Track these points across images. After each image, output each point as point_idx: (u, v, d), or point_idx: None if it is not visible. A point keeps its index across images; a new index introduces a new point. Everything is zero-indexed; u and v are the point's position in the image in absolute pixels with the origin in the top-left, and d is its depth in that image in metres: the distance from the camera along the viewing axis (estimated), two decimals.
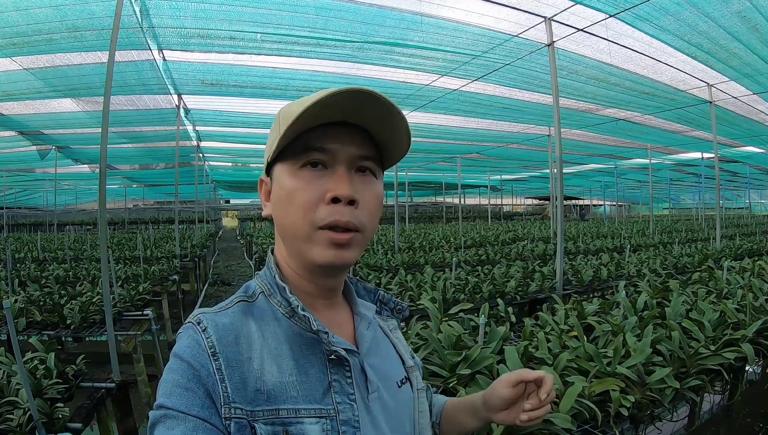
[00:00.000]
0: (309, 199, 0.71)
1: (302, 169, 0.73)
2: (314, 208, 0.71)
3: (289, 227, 0.74)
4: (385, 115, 0.72)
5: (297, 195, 0.72)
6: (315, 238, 0.72)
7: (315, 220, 0.71)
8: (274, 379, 0.68)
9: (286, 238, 0.77)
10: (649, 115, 10.30)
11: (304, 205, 0.71)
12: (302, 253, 0.75)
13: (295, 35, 5.86)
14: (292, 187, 0.73)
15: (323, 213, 0.71)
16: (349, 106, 0.70)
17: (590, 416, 1.91)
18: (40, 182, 21.11)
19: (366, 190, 0.75)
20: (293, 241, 0.75)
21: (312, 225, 0.71)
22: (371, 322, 0.87)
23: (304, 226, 0.72)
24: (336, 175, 0.72)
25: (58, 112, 8.93)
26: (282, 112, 0.76)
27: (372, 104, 0.70)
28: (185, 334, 0.69)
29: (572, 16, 5.49)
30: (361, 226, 0.73)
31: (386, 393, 0.80)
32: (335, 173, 0.73)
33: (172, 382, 0.65)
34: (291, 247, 0.77)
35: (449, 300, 4.18)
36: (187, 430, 0.61)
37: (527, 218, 34.77)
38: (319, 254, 0.72)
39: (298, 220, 0.72)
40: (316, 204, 0.71)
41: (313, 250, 0.73)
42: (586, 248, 9.72)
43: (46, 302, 4.53)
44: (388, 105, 0.70)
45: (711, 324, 2.91)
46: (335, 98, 0.67)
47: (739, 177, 23.64)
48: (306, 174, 0.73)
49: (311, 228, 0.72)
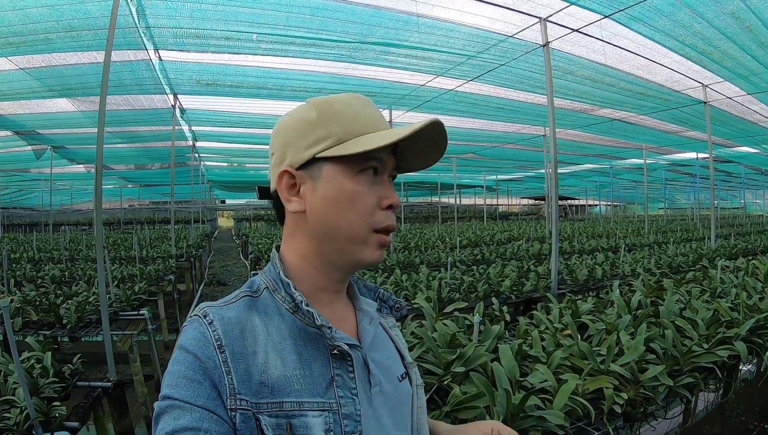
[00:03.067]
0: (371, 203, 0.77)
1: (360, 174, 0.76)
2: (373, 212, 0.77)
3: (345, 227, 0.76)
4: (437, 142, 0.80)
5: (359, 198, 0.76)
6: (369, 240, 0.77)
7: (373, 224, 0.77)
8: (278, 372, 0.69)
9: (334, 237, 0.77)
10: (644, 115, 10.35)
11: (366, 208, 0.76)
12: (349, 253, 0.78)
13: (291, 35, 5.87)
14: (354, 190, 0.76)
15: (380, 217, 0.78)
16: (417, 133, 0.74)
17: (584, 413, 1.93)
18: (35, 182, 21.04)
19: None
20: (343, 241, 0.77)
21: (370, 228, 0.77)
22: (373, 317, 0.88)
23: (362, 228, 0.76)
24: (385, 184, 0.79)
25: (53, 111, 8.91)
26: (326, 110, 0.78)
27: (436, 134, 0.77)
28: (191, 326, 0.70)
29: (567, 16, 5.51)
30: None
31: (388, 387, 0.81)
32: (384, 181, 0.79)
33: (178, 373, 0.65)
34: (333, 246, 0.78)
35: (444, 299, 4.19)
36: (193, 421, 0.62)
37: (523, 218, 34.83)
38: (371, 254, 0.78)
39: (359, 222, 0.76)
40: (374, 208, 0.77)
41: (365, 251, 0.78)
42: (581, 248, 9.75)
43: (42, 302, 4.51)
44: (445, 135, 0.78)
45: (704, 322, 2.93)
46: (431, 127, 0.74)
47: (734, 177, 23.74)
48: (365, 179, 0.77)
49: (369, 231, 0.77)
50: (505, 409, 1.75)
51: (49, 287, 5.42)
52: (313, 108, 0.78)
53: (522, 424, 1.75)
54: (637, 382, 2.18)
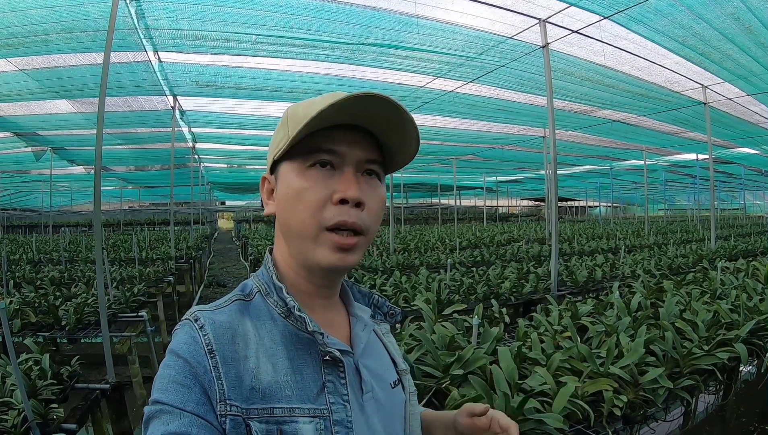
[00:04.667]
0: (317, 198, 0.72)
1: (310, 169, 0.74)
2: (322, 208, 0.72)
3: (295, 226, 0.74)
4: (396, 121, 0.74)
5: (305, 194, 0.72)
6: (320, 240, 0.73)
7: (322, 220, 0.72)
8: (269, 378, 0.68)
9: (291, 237, 0.77)
10: (643, 116, 10.33)
11: (312, 204, 0.72)
12: (306, 254, 0.75)
13: (290, 37, 5.86)
14: (300, 187, 0.73)
15: (330, 213, 0.72)
16: (361, 110, 0.71)
17: (583, 416, 1.92)
18: (35, 183, 21.01)
19: (371, 193, 0.76)
20: (298, 240, 0.75)
21: (319, 225, 0.72)
22: (367, 324, 0.87)
23: (310, 225, 0.72)
24: (344, 177, 0.73)
25: (53, 113, 8.90)
26: (290, 112, 0.77)
27: (384, 109, 0.71)
28: (182, 330, 0.70)
29: (567, 17, 5.50)
30: (365, 229, 0.75)
31: (381, 393, 0.80)
32: (343, 175, 0.74)
33: (168, 378, 0.65)
34: (294, 247, 0.77)
35: (444, 301, 4.18)
36: (182, 426, 0.61)
37: (523, 219, 34.85)
38: (324, 256, 0.73)
39: (306, 219, 0.72)
40: (323, 204, 0.72)
41: (317, 252, 0.74)
42: (581, 249, 9.75)
43: (41, 304, 4.51)
44: (401, 110, 0.72)
45: (704, 324, 2.93)
46: (349, 102, 0.68)
47: (734, 178, 23.72)
48: (314, 174, 0.73)
49: (318, 228, 0.72)
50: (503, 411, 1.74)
51: (48, 289, 5.42)
52: (283, 114, 0.79)
53: (521, 428, 1.74)
54: (637, 384, 2.17)
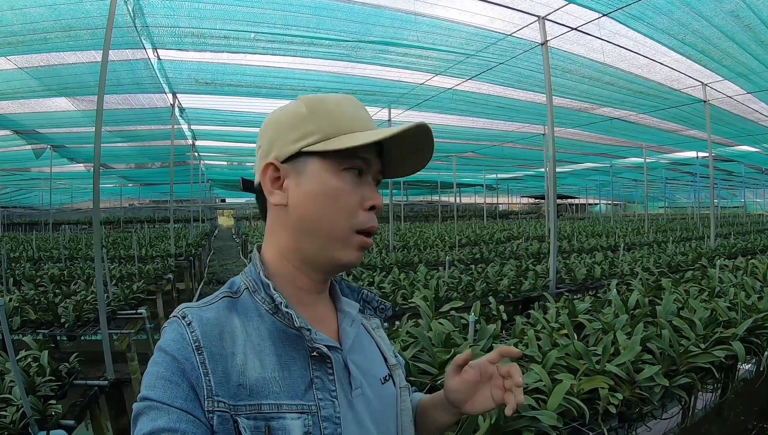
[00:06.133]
0: (354, 202, 0.76)
1: (345, 172, 0.76)
2: (356, 212, 0.76)
3: (324, 225, 0.76)
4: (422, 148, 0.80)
5: (343, 197, 0.75)
6: (350, 241, 0.77)
7: (354, 224, 0.76)
8: (256, 374, 0.68)
9: (313, 234, 0.77)
10: (643, 114, 10.34)
11: (349, 207, 0.76)
12: (327, 251, 0.77)
13: (289, 35, 5.87)
14: (338, 187, 0.75)
15: (363, 218, 0.77)
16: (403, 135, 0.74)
17: (579, 414, 1.93)
18: (35, 181, 21.04)
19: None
20: (323, 238, 0.77)
21: (351, 228, 0.76)
22: (355, 319, 0.87)
23: (344, 227, 0.76)
24: (370, 186, 0.79)
25: (53, 111, 8.93)
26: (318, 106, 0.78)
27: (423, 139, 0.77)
28: (170, 327, 0.70)
29: (566, 15, 5.50)
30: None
31: (370, 389, 0.80)
32: (368, 183, 0.79)
33: (156, 374, 0.65)
34: (312, 243, 0.77)
35: (442, 298, 4.19)
36: (170, 422, 0.62)
37: (523, 217, 34.84)
38: (349, 255, 0.78)
39: (340, 220, 0.75)
40: (357, 208, 0.77)
41: (344, 251, 0.77)
42: (580, 247, 9.75)
43: (40, 301, 4.52)
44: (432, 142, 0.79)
45: (702, 322, 2.93)
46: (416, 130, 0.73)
47: (735, 176, 23.72)
48: (349, 178, 0.76)
49: (350, 230, 0.76)
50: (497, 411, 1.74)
51: (48, 286, 5.43)
52: (303, 104, 0.79)
53: (515, 425, 1.75)
54: (633, 382, 2.18)
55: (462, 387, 0.88)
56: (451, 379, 0.90)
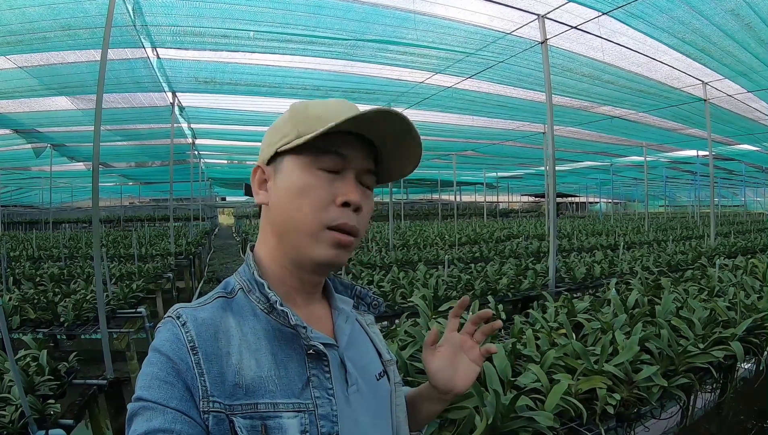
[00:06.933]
0: (323, 198, 0.74)
1: (318, 168, 0.76)
2: (326, 207, 0.74)
3: (295, 221, 0.75)
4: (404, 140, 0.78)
5: (311, 192, 0.74)
6: (320, 237, 0.75)
7: (324, 220, 0.74)
8: (252, 373, 0.68)
9: (287, 230, 0.77)
10: (643, 112, 10.34)
11: (317, 202, 0.74)
12: (301, 249, 0.76)
13: (288, 33, 5.86)
14: (307, 183, 0.75)
15: (334, 214, 0.74)
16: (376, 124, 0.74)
17: (576, 414, 1.93)
18: (35, 180, 21.03)
19: (366, 200, 0.79)
20: (295, 235, 0.76)
21: (321, 223, 0.74)
22: (349, 315, 0.88)
23: (313, 222, 0.74)
24: (347, 182, 0.76)
25: (53, 110, 8.93)
26: (299, 108, 0.79)
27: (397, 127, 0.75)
28: (164, 328, 0.70)
29: (565, 13, 5.49)
30: (359, 232, 0.78)
31: (365, 386, 0.81)
32: (346, 179, 0.76)
33: (151, 375, 0.65)
34: (288, 241, 0.78)
35: (441, 297, 4.19)
36: (165, 422, 0.61)
37: (523, 215, 34.84)
38: (321, 252, 0.75)
39: (308, 215, 0.74)
40: (327, 204, 0.74)
41: (315, 248, 0.75)
42: (580, 246, 9.75)
43: (40, 300, 4.52)
44: (412, 131, 0.76)
45: (701, 322, 2.93)
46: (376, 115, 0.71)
47: (735, 175, 23.70)
48: (321, 174, 0.75)
49: (319, 226, 0.74)
50: (494, 409, 1.74)
51: (48, 285, 5.44)
52: (289, 110, 0.81)
53: (511, 425, 1.75)
54: (631, 382, 2.18)
55: (442, 364, 0.91)
56: (430, 362, 0.92)
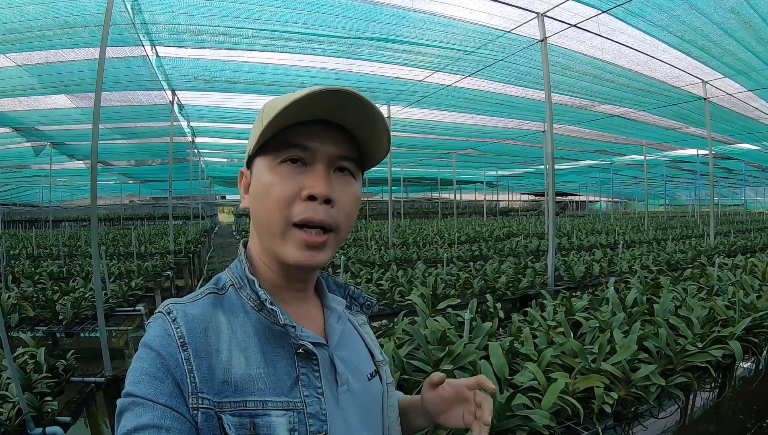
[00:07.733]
0: (285, 194, 0.71)
1: (281, 165, 0.73)
2: (290, 204, 0.71)
3: (264, 221, 0.74)
4: (366, 115, 0.74)
5: (274, 190, 0.72)
6: (288, 236, 0.72)
7: (289, 216, 0.71)
8: (241, 371, 0.68)
9: (261, 232, 0.77)
10: (643, 111, 10.31)
11: (280, 200, 0.71)
12: (275, 250, 0.75)
13: (287, 31, 5.85)
14: (269, 182, 0.73)
15: (298, 209, 0.71)
16: (330, 105, 0.71)
17: (573, 413, 1.92)
18: (35, 179, 20.99)
19: (343, 190, 0.76)
20: (267, 236, 0.75)
21: (286, 221, 0.72)
22: (341, 315, 0.87)
23: (278, 221, 0.72)
24: (314, 173, 0.72)
25: (52, 108, 8.89)
26: (266, 106, 0.76)
27: (353, 104, 0.71)
28: (155, 323, 0.70)
29: (565, 11, 5.48)
30: (335, 226, 0.74)
31: (356, 385, 0.80)
32: (314, 171, 0.73)
33: (141, 370, 0.65)
34: (264, 242, 0.77)
35: (439, 296, 4.19)
36: (154, 418, 0.61)
37: (523, 214, 34.82)
38: (291, 254, 0.73)
39: (273, 214, 0.72)
40: (292, 200, 0.71)
41: (285, 249, 0.73)
42: (579, 244, 9.75)
43: (39, 298, 4.53)
44: (368, 105, 0.72)
45: (699, 321, 2.92)
46: (318, 96, 0.68)
47: (735, 174, 23.68)
48: (284, 170, 0.73)
49: (285, 224, 0.72)
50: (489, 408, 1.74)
51: (47, 283, 5.43)
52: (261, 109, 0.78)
53: (508, 424, 1.74)
54: (629, 381, 2.17)
55: (437, 401, 0.90)
56: (427, 392, 0.91)
